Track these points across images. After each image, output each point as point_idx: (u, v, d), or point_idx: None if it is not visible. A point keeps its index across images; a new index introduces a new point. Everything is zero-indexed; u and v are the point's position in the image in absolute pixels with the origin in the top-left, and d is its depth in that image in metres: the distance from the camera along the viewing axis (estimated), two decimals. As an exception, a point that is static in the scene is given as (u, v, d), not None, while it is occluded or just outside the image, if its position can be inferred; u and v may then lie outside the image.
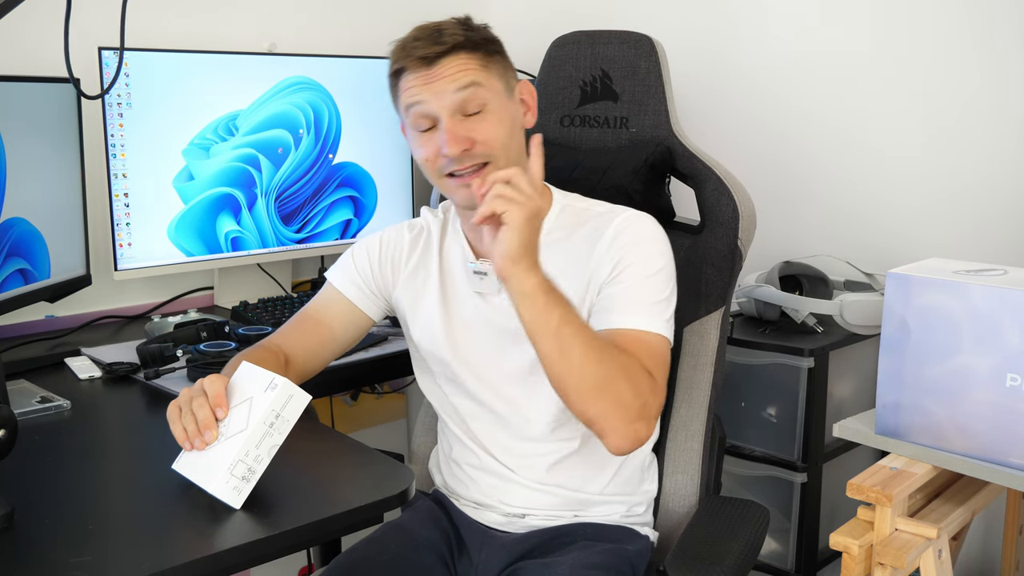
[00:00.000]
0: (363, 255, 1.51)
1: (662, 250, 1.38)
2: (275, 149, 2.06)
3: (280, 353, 1.43)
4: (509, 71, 1.40)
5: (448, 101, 1.32)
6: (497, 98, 1.35)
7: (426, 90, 1.33)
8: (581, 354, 1.20)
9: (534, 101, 1.43)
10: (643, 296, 1.33)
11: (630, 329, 1.31)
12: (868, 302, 1.91)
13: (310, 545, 1.77)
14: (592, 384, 1.21)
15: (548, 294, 1.20)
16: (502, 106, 1.36)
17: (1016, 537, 1.87)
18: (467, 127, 1.33)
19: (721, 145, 2.04)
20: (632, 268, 1.34)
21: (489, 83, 1.34)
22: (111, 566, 1.01)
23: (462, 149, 1.32)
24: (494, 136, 1.33)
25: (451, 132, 1.32)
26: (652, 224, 1.40)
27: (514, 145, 1.37)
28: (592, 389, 1.21)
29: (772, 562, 2.01)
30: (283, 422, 1.12)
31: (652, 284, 1.34)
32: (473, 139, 1.32)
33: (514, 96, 1.39)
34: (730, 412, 2.00)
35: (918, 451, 1.46)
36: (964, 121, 1.98)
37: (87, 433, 1.42)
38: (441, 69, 1.32)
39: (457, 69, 1.32)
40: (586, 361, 1.20)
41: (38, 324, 1.90)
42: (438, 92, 1.32)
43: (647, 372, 1.26)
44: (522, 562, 1.37)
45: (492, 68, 1.35)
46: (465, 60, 1.33)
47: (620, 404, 1.22)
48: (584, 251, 1.38)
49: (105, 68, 1.81)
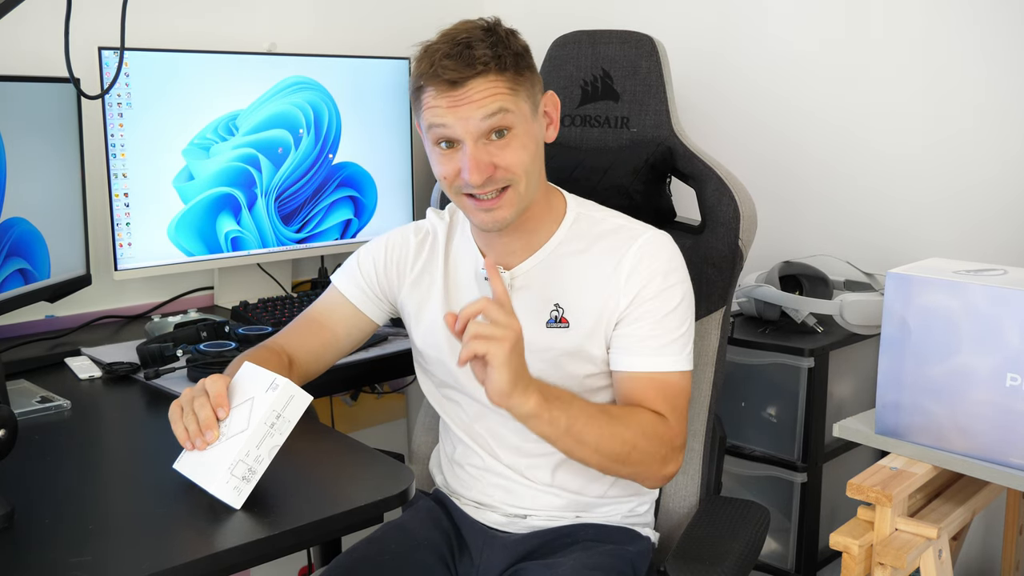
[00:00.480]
0: (368, 260, 1.51)
1: (681, 278, 1.37)
2: (275, 149, 2.06)
3: (284, 354, 1.43)
4: (536, 85, 1.34)
5: (474, 127, 1.26)
6: (523, 122, 1.30)
7: (451, 113, 1.26)
8: (596, 440, 1.26)
9: (558, 113, 1.38)
10: (661, 337, 1.34)
11: (647, 372, 1.34)
12: (868, 302, 1.91)
13: (310, 545, 1.77)
14: (614, 458, 1.28)
15: (550, 405, 1.22)
16: (527, 130, 1.31)
17: (1016, 537, 1.87)
18: (491, 152, 1.28)
19: (722, 145, 2.04)
20: (650, 304, 1.34)
21: (517, 107, 1.29)
22: (111, 566, 1.01)
23: (486, 176, 1.28)
24: (517, 162, 1.29)
25: (474, 159, 1.27)
26: (671, 250, 1.38)
27: (536, 167, 1.34)
28: (615, 462, 1.29)
29: (772, 562, 2.01)
30: (284, 423, 1.12)
31: (670, 321, 1.34)
32: (496, 164, 1.29)
33: (539, 113, 1.35)
34: (730, 412, 2.00)
35: (918, 451, 1.46)
36: (965, 121, 1.98)
37: (87, 433, 1.42)
38: (469, 92, 1.25)
39: (486, 94, 1.26)
40: (602, 443, 1.27)
41: (38, 324, 1.90)
42: (464, 117, 1.26)
43: (662, 420, 1.31)
44: (523, 563, 1.37)
45: (521, 89, 1.30)
46: (494, 84, 1.26)
47: (645, 462, 1.30)
48: (602, 273, 1.36)
49: (105, 68, 1.81)
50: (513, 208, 1.32)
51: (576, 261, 1.39)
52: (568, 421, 1.24)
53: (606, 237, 1.39)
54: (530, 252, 1.40)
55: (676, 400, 1.34)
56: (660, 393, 1.33)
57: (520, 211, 1.34)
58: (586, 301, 1.36)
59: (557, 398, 1.24)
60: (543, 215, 1.40)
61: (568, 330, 1.37)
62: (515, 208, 1.32)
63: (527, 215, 1.37)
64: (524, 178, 1.31)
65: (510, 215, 1.32)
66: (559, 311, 1.38)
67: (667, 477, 1.33)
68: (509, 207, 1.32)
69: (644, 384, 1.33)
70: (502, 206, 1.31)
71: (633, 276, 1.35)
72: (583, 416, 1.25)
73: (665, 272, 1.35)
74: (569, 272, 1.38)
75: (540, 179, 1.36)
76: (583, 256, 1.39)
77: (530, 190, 1.33)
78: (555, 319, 1.38)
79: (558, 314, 1.38)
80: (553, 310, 1.38)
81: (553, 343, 1.37)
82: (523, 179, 1.31)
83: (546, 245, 1.40)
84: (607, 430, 1.26)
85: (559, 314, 1.38)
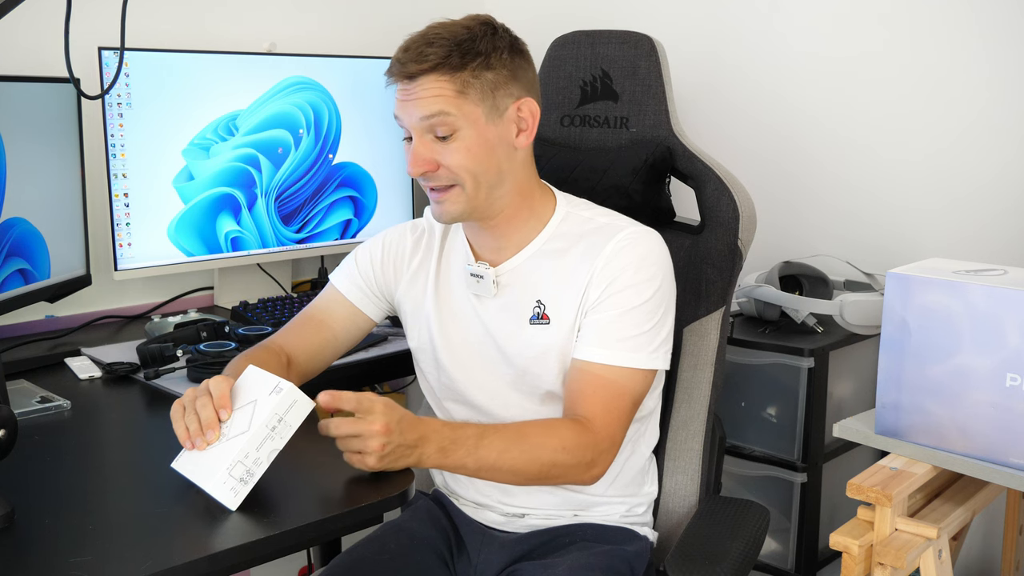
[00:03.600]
0: (366, 258, 1.51)
1: (655, 273, 1.35)
2: (275, 149, 2.06)
3: (282, 353, 1.43)
4: (507, 86, 1.32)
5: (418, 121, 1.31)
6: (471, 125, 1.30)
7: (402, 106, 1.32)
8: (511, 467, 1.26)
9: (535, 121, 1.36)
10: (623, 330, 1.33)
11: (595, 363, 1.33)
12: (868, 302, 1.91)
13: (310, 545, 1.77)
14: (534, 478, 1.29)
15: (448, 455, 1.22)
16: (476, 133, 1.30)
17: (1016, 537, 1.87)
18: (434, 150, 1.31)
19: (721, 145, 2.04)
20: (617, 298, 1.34)
21: (462, 110, 1.29)
22: (111, 566, 1.01)
23: (421, 171, 1.32)
24: (458, 164, 1.31)
25: (415, 153, 1.32)
26: (651, 244, 1.37)
27: (488, 170, 1.33)
28: (536, 480, 1.30)
29: (772, 562, 2.01)
30: (285, 427, 1.12)
31: (637, 315, 1.33)
32: (438, 163, 1.32)
33: (503, 117, 1.33)
34: (730, 412, 2.00)
35: (918, 451, 1.46)
36: (966, 122, 1.98)
37: (87, 433, 1.42)
38: (417, 89, 1.30)
39: (431, 93, 1.29)
40: (518, 468, 1.27)
41: (38, 324, 1.90)
42: (410, 112, 1.31)
43: (584, 429, 1.29)
44: (521, 563, 1.37)
45: (471, 93, 1.29)
46: (442, 84, 1.28)
47: (568, 474, 1.30)
48: (582, 269, 1.37)
49: (105, 68, 1.81)
50: (459, 205, 1.34)
51: (559, 258, 1.39)
52: (476, 463, 1.24)
53: (590, 235, 1.39)
54: (516, 250, 1.41)
55: (614, 402, 1.32)
56: (598, 393, 1.32)
57: (472, 210, 1.35)
58: (566, 297, 1.37)
59: (460, 444, 1.23)
60: (526, 215, 1.41)
61: (549, 326, 1.38)
62: (462, 206, 1.34)
63: (505, 215, 1.38)
64: (470, 180, 1.32)
65: (456, 211, 1.35)
66: (541, 308, 1.39)
67: (594, 478, 1.33)
68: (455, 203, 1.34)
69: (586, 380, 1.33)
70: (448, 200, 1.34)
71: (607, 268, 1.35)
72: (494, 452, 1.24)
73: (638, 265, 1.34)
74: (551, 269, 1.39)
75: (502, 178, 1.35)
76: (566, 254, 1.39)
77: (480, 192, 1.33)
78: (537, 315, 1.39)
79: (540, 311, 1.38)
80: (536, 307, 1.39)
81: (536, 340, 1.38)
82: (468, 181, 1.32)
83: (532, 243, 1.41)
84: (523, 457, 1.26)
85: (541, 311, 1.38)
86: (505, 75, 1.32)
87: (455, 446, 1.22)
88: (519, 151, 1.36)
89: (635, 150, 1.64)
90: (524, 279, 1.40)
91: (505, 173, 1.35)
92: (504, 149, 1.34)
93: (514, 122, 1.34)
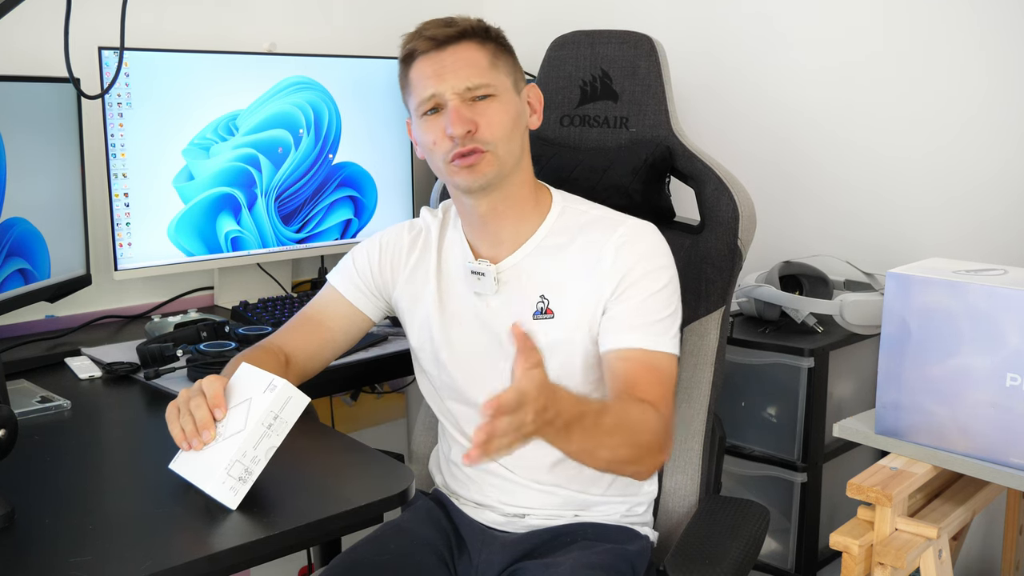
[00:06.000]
0: (363, 257, 1.52)
1: (665, 263, 1.38)
2: (275, 149, 2.06)
3: (280, 354, 1.43)
4: (518, 71, 1.41)
5: (457, 83, 1.33)
6: (506, 91, 1.36)
7: (435, 72, 1.33)
8: (610, 451, 1.20)
9: (540, 106, 1.44)
10: (648, 315, 1.34)
11: (636, 349, 1.32)
12: (868, 302, 1.91)
13: (310, 545, 1.77)
14: (624, 459, 1.23)
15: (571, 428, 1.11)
16: (510, 99, 1.37)
17: (1016, 537, 1.87)
18: (473, 110, 1.33)
19: (721, 145, 2.04)
20: (637, 286, 1.35)
21: (497, 75, 1.35)
22: (111, 566, 1.01)
23: (466, 130, 1.32)
24: (498, 123, 1.34)
25: (456, 111, 1.32)
26: (654, 236, 1.40)
27: (516, 140, 1.37)
28: (625, 463, 1.24)
29: (772, 562, 2.01)
30: (281, 423, 1.12)
31: (657, 301, 1.35)
32: (478, 123, 1.33)
33: (522, 95, 1.41)
34: (730, 412, 2.00)
35: (918, 451, 1.46)
36: (966, 122, 1.98)
37: (87, 433, 1.42)
38: (452, 53, 1.33)
39: (467, 55, 1.34)
40: (617, 449, 1.20)
41: (38, 324, 1.90)
42: (447, 75, 1.33)
43: (658, 413, 1.25)
44: (522, 562, 1.37)
45: (500, 64, 1.37)
46: (476, 49, 1.35)
47: (648, 459, 1.25)
48: (585, 263, 1.37)
49: (105, 68, 1.81)
50: (492, 168, 1.35)
51: (561, 253, 1.40)
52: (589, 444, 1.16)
53: (589, 228, 1.41)
54: (517, 245, 1.42)
55: (667, 385, 1.32)
56: (654, 376, 1.31)
57: (500, 176, 1.36)
58: (570, 292, 1.38)
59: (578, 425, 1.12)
60: (530, 207, 1.42)
61: (554, 321, 1.38)
62: (494, 169, 1.35)
63: (512, 202, 1.40)
64: (503, 145, 1.35)
65: (492, 173, 1.35)
66: (544, 302, 1.39)
67: (659, 466, 1.32)
68: (488, 166, 1.35)
69: (637, 366, 1.31)
70: (483, 163, 1.34)
71: (617, 262, 1.36)
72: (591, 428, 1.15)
73: (648, 255, 1.37)
74: (554, 264, 1.39)
75: (522, 154, 1.40)
76: (568, 248, 1.40)
77: (510, 157, 1.36)
78: (541, 311, 1.39)
79: (544, 305, 1.39)
80: (539, 302, 1.39)
81: (540, 335, 1.37)
82: (502, 146, 1.34)
83: (532, 238, 1.41)
84: (617, 438, 1.20)
85: (545, 305, 1.39)
86: (515, 59, 1.41)
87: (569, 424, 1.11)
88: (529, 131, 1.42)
89: (635, 150, 1.64)
90: (525, 275, 1.41)
91: (522, 152, 1.40)
92: (524, 123, 1.41)
93: (528, 102, 1.42)
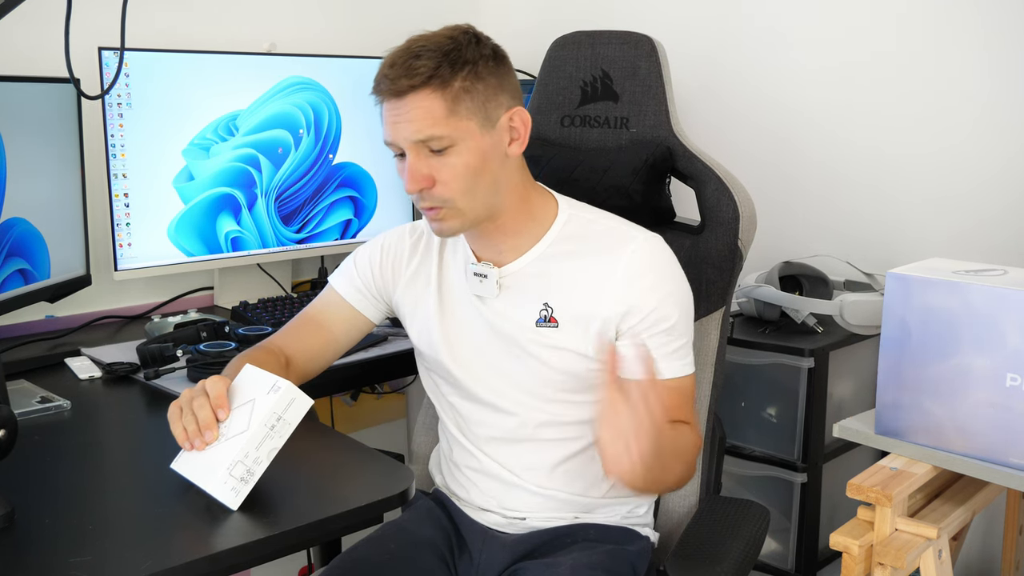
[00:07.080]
0: (365, 259, 1.51)
1: (674, 288, 1.38)
2: (275, 149, 2.06)
3: (281, 354, 1.43)
4: (498, 96, 1.31)
5: (411, 135, 1.28)
6: (465, 139, 1.29)
7: (393, 127, 1.29)
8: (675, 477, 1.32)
9: (526, 130, 1.34)
10: (668, 346, 1.36)
11: (668, 379, 1.36)
12: (868, 302, 1.91)
13: (310, 545, 1.77)
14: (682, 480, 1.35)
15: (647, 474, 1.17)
16: (473, 145, 1.29)
17: (1016, 537, 1.87)
18: (430, 164, 1.29)
19: (721, 145, 2.04)
20: (654, 326, 1.35)
21: (456, 124, 1.27)
22: (111, 566, 1.01)
23: (419, 188, 1.29)
24: (454, 177, 1.29)
25: (411, 168, 1.28)
26: (663, 256, 1.38)
27: (481, 187, 1.31)
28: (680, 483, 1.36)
29: (772, 562, 2.01)
30: (284, 425, 1.12)
31: (672, 334, 1.36)
32: (434, 178, 1.29)
33: (495, 127, 1.31)
34: (730, 412, 2.00)
35: (918, 451, 1.46)
36: (966, 122, 1.98)
37: (87, 433, 1.42)
38: (409, 102, 1.27)
39: (423, 112, 1.26)
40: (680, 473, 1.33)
41: (38, 324, 1.90)
42: (402, 125, 1.28)
43: (691, 429, 1.37)
44: (523, 562, 1.37)
45: (462, 106, 1.27)
46: (435, 98, 1.26)
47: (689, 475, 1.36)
48: (594, 277, 1.36)
49: (105, 68, 1.81)
50: (456, 222, 1.33)
51: (567, 262, 1.38)
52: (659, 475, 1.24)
53: (598, 239, 1.39)
54: (520, 252, 1.40)
55: (691, 402, 1.40)
56: (681, 398, 1.37)
57: (468, 223, 1.34)
58: (576, 302, 1.37)
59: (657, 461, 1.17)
60: (525, 218, 1.39)
61: (557, 330, 1.37)
62: (458, 221, 1.33)
63: (503, 220, 1.37)
64: (463, 199, 1.30)
65: (455, 226, 1.34)
66: (548, 311, 1.38)
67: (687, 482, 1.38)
68: (452, 220, 1.33)
69: (668, 394, 1.35)
70: (444, 218, 1.33)
71: (629, 293, 1.35)
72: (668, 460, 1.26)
73: (659, 284, 1.36)
74: (560, 273, 1.38)
75: (497, 191, 1.34)
76: (574, 257, 1.38)
77: (476, 205, 1.32)
78: (544, 319, 1.38)
79: (547, 313, 1.38)
80: (543, 309, 1.38)
81: (543, 341, 1.37)
82: (461, 199, 1.30)
83: (537, 245, 1.40)
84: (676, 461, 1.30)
85: (548, 313, 1.38)
86: (494, 84, 1.31)
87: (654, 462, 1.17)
88: (511, 158, 1.35)
89: (635, 150, 1.64)
90: (529, 282, 1.39)
91: (500, 181, 1.34)
92: (498, 158, 1.33)
93: (506, 131, 1.33)
